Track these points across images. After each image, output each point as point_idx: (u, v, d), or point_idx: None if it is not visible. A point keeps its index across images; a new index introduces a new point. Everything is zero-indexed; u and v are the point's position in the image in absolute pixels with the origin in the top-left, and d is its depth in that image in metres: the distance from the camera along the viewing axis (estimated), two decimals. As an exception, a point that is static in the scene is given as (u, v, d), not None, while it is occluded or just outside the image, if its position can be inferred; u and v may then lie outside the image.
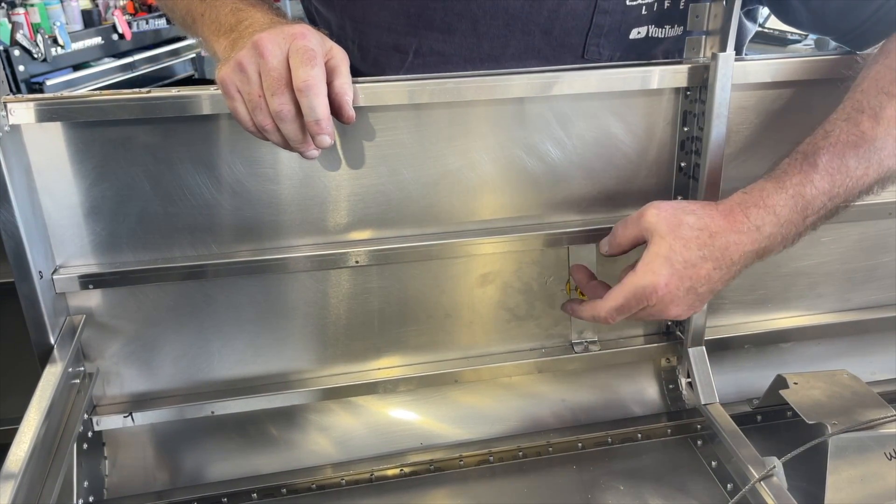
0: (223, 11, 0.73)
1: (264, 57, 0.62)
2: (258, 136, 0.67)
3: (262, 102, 0.63)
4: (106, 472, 0.84)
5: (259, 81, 0.63)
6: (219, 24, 0.73)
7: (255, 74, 0.63)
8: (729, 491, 0.79)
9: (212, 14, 0.74)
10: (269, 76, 0.62)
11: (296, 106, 0.63)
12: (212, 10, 0.75)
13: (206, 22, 0.75)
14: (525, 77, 0.77)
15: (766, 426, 0.89)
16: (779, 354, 0.96)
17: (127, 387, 0.85)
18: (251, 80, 0.63)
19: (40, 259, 0.76)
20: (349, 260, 0.82)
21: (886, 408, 0.76)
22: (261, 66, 0.63)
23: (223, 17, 0.73)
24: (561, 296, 0.89)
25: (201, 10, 0.76)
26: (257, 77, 0.63)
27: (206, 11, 0.75)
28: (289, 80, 0.62)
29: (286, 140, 0.66)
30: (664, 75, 0.79)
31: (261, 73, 0.63)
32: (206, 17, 0.75)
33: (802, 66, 0.82)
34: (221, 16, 0.73)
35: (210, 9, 0.75)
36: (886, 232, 0.93)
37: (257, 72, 0.63)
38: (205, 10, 0.76)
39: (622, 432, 0.87)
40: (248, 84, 0.63)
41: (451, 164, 0.81)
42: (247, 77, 0.63)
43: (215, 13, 0.74)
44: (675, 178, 0.86)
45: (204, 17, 0.75)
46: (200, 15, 0.76)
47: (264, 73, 0.62)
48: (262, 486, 0.81)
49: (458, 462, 0.84)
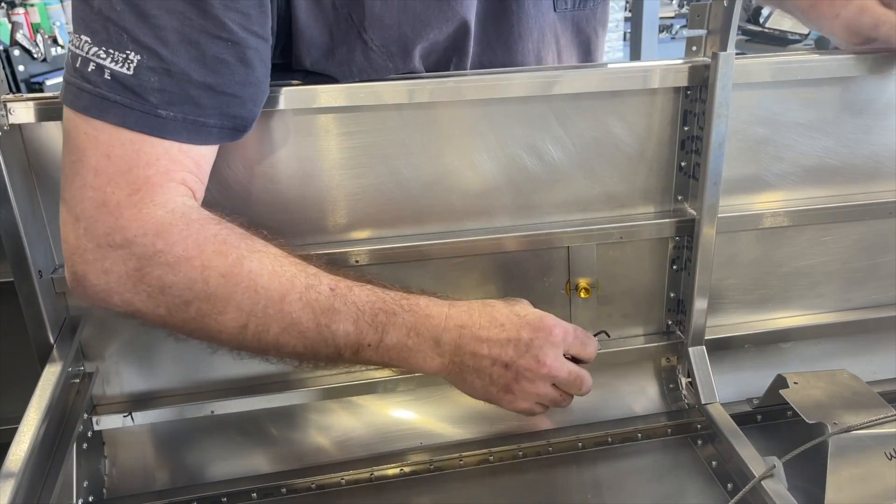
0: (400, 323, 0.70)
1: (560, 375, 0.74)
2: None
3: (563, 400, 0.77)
4: (106, 471, 0.84)
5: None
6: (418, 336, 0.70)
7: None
8: (729, 491, 0.79)
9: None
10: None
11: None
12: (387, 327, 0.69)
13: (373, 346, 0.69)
14: (525, 76, 0.77)
15: (767, 426, 0.89)
16: (779, 354, 0.96)
17: (127, 386, 0.85)
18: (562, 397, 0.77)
19: (40, 259, 0.76)
20: (349, 260, 0.82)
21: (887, 408, 0.76)
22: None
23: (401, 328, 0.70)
24: (561, 296, 0.89)
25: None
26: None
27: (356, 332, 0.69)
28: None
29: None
30: (665, 74, 0.79)
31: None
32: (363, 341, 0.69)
33: (802, 66, 0.82)
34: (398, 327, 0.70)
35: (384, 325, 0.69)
36: (886, 232, 0.93)
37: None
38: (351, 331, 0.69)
39: (622, 432, 0.87)
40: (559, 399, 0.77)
41: (451, 164, 0.81)
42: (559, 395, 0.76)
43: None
44: (676, 177, 0.86)
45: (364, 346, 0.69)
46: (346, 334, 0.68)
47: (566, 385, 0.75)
48: (262, 485, 0.81)
49: (458, 462, 0.84)
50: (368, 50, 0.72)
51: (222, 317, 0.66)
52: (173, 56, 0.62)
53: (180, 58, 0.62)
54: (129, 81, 0.61)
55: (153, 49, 0.61)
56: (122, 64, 0.61)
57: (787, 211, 0.88)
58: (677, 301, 0.91)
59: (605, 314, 0.91)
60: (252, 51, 0.65)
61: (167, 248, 0.64)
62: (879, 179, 0.90)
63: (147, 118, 0.62)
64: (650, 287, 0.91)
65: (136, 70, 0.61)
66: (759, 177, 0.88)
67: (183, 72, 0.62)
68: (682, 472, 0.83)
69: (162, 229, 0.64)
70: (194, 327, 0.67)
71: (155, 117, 0.62)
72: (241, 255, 0.66)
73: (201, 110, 0.64)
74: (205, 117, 0.64)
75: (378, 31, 0.71)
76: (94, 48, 0.61)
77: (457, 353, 0.71)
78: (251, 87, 0.66)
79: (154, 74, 0.62)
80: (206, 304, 0.65)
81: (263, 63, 0.67)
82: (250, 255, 0.66)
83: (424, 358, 0.71)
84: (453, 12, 0.74)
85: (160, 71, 0.62)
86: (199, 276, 0.64)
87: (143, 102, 0.62)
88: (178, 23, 0.61)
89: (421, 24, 0.73)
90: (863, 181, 0.90)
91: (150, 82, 0.62)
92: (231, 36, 0.63)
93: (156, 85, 0.62)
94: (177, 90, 0.62)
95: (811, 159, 0.88)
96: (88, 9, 0.62)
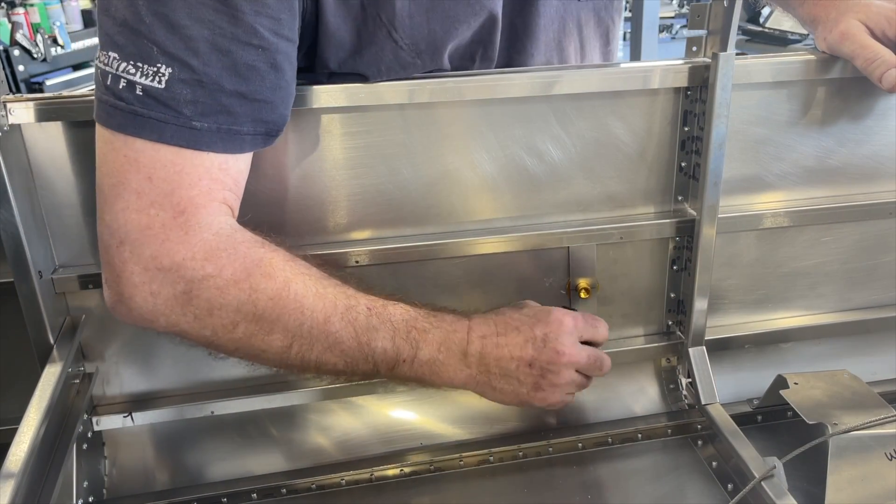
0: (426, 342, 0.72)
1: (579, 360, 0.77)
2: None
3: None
4: (106, 472, 0.84)
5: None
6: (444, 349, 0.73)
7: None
8: (729, 491, 0.79)
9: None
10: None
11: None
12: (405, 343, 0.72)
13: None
14: (525, 76, 0.77)
15: (767, 426, 0.89)
16: (779, 354, 0.96)
17: (127, 387, 0.85)
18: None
19: (40, 259, 0.76)
20: (349, 260, 0.81)
21: (887, 408, 0.76)
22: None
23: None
24: (561, 296, 0.89)
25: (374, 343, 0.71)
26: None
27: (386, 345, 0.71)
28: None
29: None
30: (665, 75, 0.79)
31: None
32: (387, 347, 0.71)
33: (802, 66, 0.82)
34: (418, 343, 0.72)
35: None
36: (886, 232, 0.93)
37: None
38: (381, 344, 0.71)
39: (622, 432, 0.87)
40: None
41: (451, 164, 0.81)
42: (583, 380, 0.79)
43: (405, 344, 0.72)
44: (676, 177, 0.86)
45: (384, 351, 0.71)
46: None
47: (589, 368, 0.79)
48: (262, 486, 0.81)
49: (458, 462, 0.84)
50: (398, 49, 0.72)
51: (269, 337, 0.67)
52: (205, 66, 0.61)
53: (212, 68, 0.61)
54: (161, 95, 0.61)
55: (184, 60, 0.60)
56: (152, 78, 0.60)
57: (787, 211, 0.88)
58: (677, 301, 0.91)
59: (606, 314, 0.91)
60: (282, 55, 0.65)
61: (217, 271, 0.64)
62: (879, 179, 0.90)
63: (182, 131, 0.62)
64: (650, 287, 0.91)
65: (167, 83, 0.60)
66: (759, 177, 0.88)
67: (215, 82, 0.62)
68: (682, 472, 0.83)
69: (210, 253, 0.64)
70: (239, 347, 0.68)
71: (190, 130, 0.62)
72: (288, 277, 0.67)
73: (235, 118, 0.64)
74: (238, 125, 0.64)
75: (408, 29, 0.71)
76: (123, 63, 0.60)
77: (482, 362, 0.74)
78: (281, 90, 0.66)
79: (186, 86, 0.61)
80: (254, 325, 0.66)
81: (292, 66, 0.67)
82: (295, 277, 0.68)
83: (455, 370, 0.74)
84: (481, 6, 0.74)
85: (192, 82, 0.61)
86: (247, 298, 0.66)
87: (177, 115, 0.61)
88: (209, 32, 0.60)
89: (450, 21, 0.73)
90: (863, 181, 0.90)
91: (182, 94, 0.61)
92: (262, 42, 0.63)
93: (188, 97, 0.61)
94: (209, 100, 0.62)
95: (811, 159, 0.88)
96: (113, 23, 0.61)
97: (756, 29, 3.18)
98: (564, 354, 0.75)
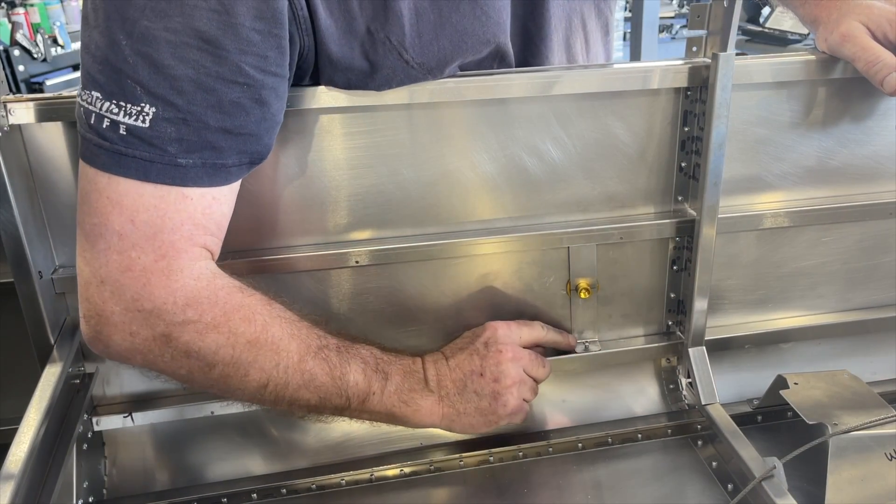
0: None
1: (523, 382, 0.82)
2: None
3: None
4: (106, 472, 0.84)
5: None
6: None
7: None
8: (729, 491, 0.79)
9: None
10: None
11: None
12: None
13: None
14: (525, 76, 0.77)
15: (767, 426, 0.89)
16: (779, 354, 0.96)
17: (127, 387, 0.85)
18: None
19: (40, 259, 0.76)
20: (349, 260, 0.82)
21: (887, 408, 0.76)
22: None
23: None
24: (561, 296, 0.89)
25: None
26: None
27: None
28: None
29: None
30: (665, 75, 0.79)
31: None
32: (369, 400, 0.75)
33: (803, 67, 0.82)
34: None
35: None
36: (886, 232, 0.93)
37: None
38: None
39: (622, 432, 0.87)
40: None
41: (451, 164, 0.81)
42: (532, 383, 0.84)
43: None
44: (676, 177, 0.86)
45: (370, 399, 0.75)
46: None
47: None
48: (262, 486, 0.81)
49: (458, 462, 0.84)
50: (409, 68, 0.71)
51: (245, 378, 0.69)
52: (189, 105, 0.61)
53: (196, 106, 0.61)
54: (145, 134, 0.60)
55: (169, 100, 0.60)
56: (136, 117, 0.60)
57: (787, 211, 0.88)
58: (677, 301, 0.91)
59: (606, 315, 0.91)
60: (268, 90, 0.64)
61: (197, 316, 0.65)
62: (879, 179, 0.90)
63: (168, 169, 0.62)
64: (650, 287, 0.91)
65: (151, 122, 0.60)
66: (759, 177, 0.88)
67: (199, 119, 0.61)
68: (682, 472, 0.83)
69: (191, 298, 0.65)
70: (214, 385, 0.70)
71: (175, 167, 0.62)
72: (266, 321, 0.69)
73: (220, 153, 0.64)
74: (224, 159, 0.64)
75: (418, 48, 0.70)
76: (106, 103, 0.60)
77: (441, 385, 0.79)
78: (266, 121, 0.66)
79: (170, 125, 0.61)
80: (231, 367, 0.68)
81: (279, 98, 0.67)
82: (273, 321, 0.70)
83: (420, 396, 0.78)
84: (487, 17, 0.73)
85: (176, 121, 0.61)
86: (226, 341, 0.67)
87: (161, 154, 0.61)
88: (194, 71, 0.60)
89: (459, 35, 0.72)
90: (863, 181, 0.90)
91: (166, 133, 0.61)
92: (248, 80, 0.62)
93: (173, 135, 0.61)
94: (194, 138, 0.62)
95: (811, 160, 0.88)
96: (94, 60, 0.60)
97: (756, 29, 3.18)
98: (506, 352, 0.80)
